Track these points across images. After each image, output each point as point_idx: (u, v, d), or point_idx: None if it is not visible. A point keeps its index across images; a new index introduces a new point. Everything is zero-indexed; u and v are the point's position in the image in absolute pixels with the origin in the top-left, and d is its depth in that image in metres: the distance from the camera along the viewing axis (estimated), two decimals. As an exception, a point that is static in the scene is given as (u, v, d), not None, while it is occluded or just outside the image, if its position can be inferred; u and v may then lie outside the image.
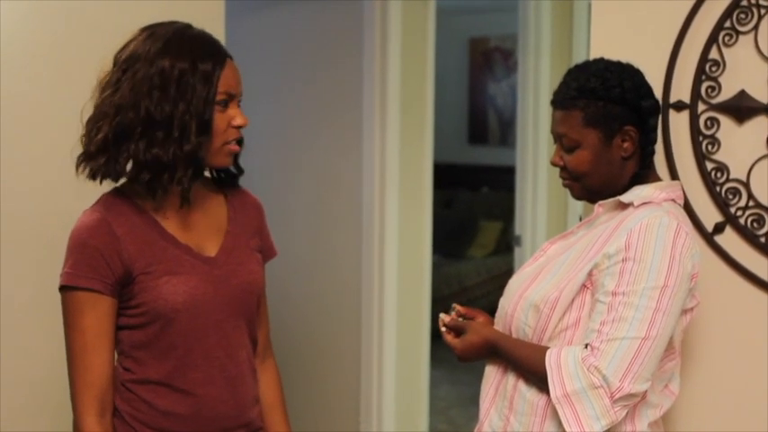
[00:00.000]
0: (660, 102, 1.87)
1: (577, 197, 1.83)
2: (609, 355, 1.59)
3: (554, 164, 1.81)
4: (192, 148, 1.62)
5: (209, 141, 1.65)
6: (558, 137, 1.79)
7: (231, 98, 1.67)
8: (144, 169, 1.62)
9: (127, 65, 1.63)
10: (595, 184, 1.78)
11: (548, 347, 1.70)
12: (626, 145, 1.75)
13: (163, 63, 1.61)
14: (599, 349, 1.60)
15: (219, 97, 1.64)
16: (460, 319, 1.89)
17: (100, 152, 1.63)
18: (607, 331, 1.61)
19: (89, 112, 1.67)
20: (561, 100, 1.77)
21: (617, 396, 1.59)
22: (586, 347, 1.63)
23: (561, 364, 1.64)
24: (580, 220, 1.88)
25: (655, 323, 1.61)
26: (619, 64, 1.79)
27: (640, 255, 1.63)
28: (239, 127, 1.68)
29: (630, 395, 1.60)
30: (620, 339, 1.60)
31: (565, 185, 1.83)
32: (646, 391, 1.69)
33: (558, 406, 1.63)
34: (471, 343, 1.83)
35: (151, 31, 1.66)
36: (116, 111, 1.61)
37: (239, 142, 1.72)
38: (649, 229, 1.65)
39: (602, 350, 1.60)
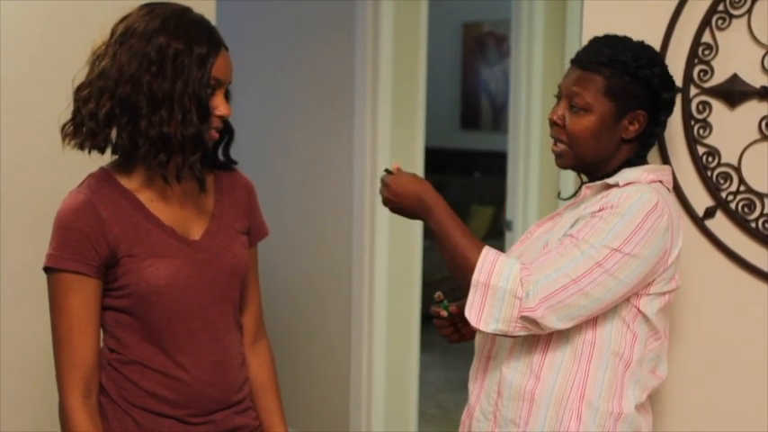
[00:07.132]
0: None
1: (563, 164, 1.81)
2: (539, 275, 1.62)
3: (552, 120, 1.78)
4: (195, 131, 1.61)
5: (210, 127, 1.65)
6: (568, 94, 1.75)
7: (219, 86, 1.66)
8: (156, 148, 1.61)
9: (123, 38, 1.62)
10: (588, 155, 1.76)
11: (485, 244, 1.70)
12: (631, 128, 1.74)
13: (159, 40, 1.60)
14: (532, 270, 1.63)
15: (210, 82, 1.64)
16: None
17: (106, 125, 1.62)
18: (547, 257, 1.64)
19: (80, 82, 1.65)
20: (587, 61, 1.74)
21: (525, 314, 1.61)
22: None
23: (498, 261, 1.65)
24: (558, 195, 1.86)
25: (591, 274, 1.62)
26: (654, 50, 1.78)
27: (608, 215, 1.65)
28: (221, 116, 1.68)
29: (536, 322, 1.62)
30: (554, 269, 1.62)
31: (555, 150, 1.80)
32: (627, 377, 1.71)
33: (472, 288, 1.65)
34: (403, 184, 1.78)
35: (150, 9, 1.66)
36: (115, 83, 1.60)
37: (221, 131, 1.71)
38: (628, 198, 1.66)
39: (535, 271, 1.62)
